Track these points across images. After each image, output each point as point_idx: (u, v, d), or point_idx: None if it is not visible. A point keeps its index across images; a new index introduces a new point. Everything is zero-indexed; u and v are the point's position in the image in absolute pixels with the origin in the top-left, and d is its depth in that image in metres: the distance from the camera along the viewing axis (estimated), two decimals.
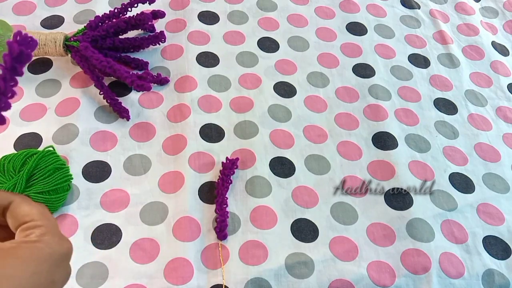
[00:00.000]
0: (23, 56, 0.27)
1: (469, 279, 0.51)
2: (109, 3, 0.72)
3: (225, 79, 0.65)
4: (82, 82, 0.61)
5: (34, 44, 0.27)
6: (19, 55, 0.27)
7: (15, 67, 0.27)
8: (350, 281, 0.49)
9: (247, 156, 0.57)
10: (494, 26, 0.81)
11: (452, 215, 0.56)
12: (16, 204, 0.31)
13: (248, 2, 0.75)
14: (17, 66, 0.27)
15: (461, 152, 0.62)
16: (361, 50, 0.72)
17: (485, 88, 0.70)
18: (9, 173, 0.49)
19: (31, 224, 0.29)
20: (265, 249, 0.51)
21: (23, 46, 0.27)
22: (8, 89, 0.29)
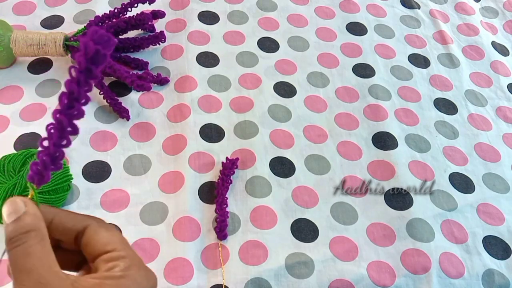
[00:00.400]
0: (99, 56, 0.24)
1: (469, 279, 0.51)
2: (109, 3, 0.72)
3: (225, 79, 0.65)
4: None
5: (112, 43, 0.24)
6: (95, 55, 0.24)
7: (90, 69, 0.24)
8: (350, 281, 0.49)
9: (247, 156, 0.57)
10: (494, 26, 0.81)
11: (452, 215, 0.56)
12: (93, 229, 0.28)
13: (248, 2, 0.75)
14: (92, 68, 0.24)
15: (461, 152, 0.62)
16: (361, 50, 0.72)
17: (485, 88, 0.70)
18: (9, 173, 0.49)
19: (114, 255, 0.27)
20: (265, 249, 0.51)
21: (100, 46, 0.23)
22: (82, 95, 0.26)
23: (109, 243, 0.27)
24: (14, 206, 0.26)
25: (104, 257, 0.27)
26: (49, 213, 0.28)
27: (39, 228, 0.26)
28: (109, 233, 0.28)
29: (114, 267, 0.26)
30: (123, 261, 0.26)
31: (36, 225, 0.26)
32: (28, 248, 0.25)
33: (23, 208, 0.26)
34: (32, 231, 0.26)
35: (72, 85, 0.25)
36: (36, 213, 0.27)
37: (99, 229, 0.28)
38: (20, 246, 0.25)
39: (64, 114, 0.26)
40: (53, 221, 0.28)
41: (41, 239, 0.26)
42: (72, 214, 0.29)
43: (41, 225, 0.26)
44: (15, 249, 0.25)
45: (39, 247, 0.25)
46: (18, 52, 0.59)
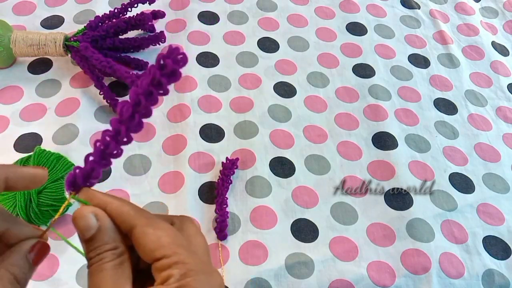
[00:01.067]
0: (174, 75, 0.23)
1: (469, 279, 0.51)
2: (109, 3, 0.72)
3: (225, 79, 0.65)
4: (82, 82, 0.61)
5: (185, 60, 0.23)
6: (171, 72, 0.23)
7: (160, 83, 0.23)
8: (350, 281, 0.49)
9: (247, 156, 0.57)
10: (494, 26, 0.81)
11: (452, 215, 0.56)
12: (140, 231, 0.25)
13: (248, 2, 0.75)
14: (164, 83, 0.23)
15: (461, 152, 0.62)
16: (361, 50, 0.72)
17: (485, 88, 0.70)
18: None
19: (166, 263, 0.24)
20: (265, 249, 0.51)
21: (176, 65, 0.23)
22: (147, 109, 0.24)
23: (158, 248, 0.24)
24: (84, 221, 0.25)
25: (156, 266, 0.24)
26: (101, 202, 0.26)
27: (116, 245, 0.25)
28: (157, 235, 0.25)
29: (169, 277, 0.23)
30: (177, 268, 0.23)
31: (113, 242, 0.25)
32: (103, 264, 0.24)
33: (95, 223, 0.25)
34: (110, 250, 0.25)
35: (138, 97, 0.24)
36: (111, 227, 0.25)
37: (147, 231, 0.25)
38: (95, 264, 0.25)
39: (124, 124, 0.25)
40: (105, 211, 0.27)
41: (118, 256, 0.25)
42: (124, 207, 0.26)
43: (117, 239, 0.25)
44: (92, 267, 0.25)
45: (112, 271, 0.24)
46: (18, 52, 0.59)
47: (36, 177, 0.27)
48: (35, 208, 0.47)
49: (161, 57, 0.23)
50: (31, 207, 0.47)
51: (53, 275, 0.47)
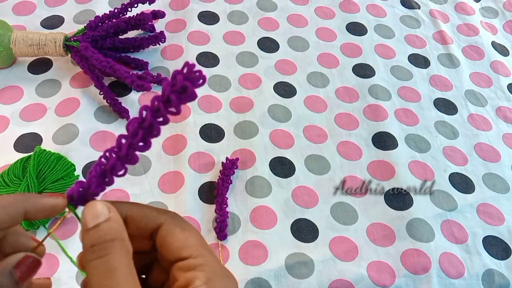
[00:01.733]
0: (186, 93, 0.22)
1: (469, 279, 0.51)
2: (109, 3, 0.72)
3: (225, 79, 0.65)
4: (82, 82, 0.61)
5: (202, 80, 0.22)
6: (182, 89, 0.22)
7: (170, 100, 0.22)
8: (350, 281, 0.49)
9: (247, 156, 0.57)
10: (494, 26, 0.81)
11: (452, 215, 0.56)
12: (167, 229, 0.25)
13: (248, 2, 0.75)
14: (174, 100, 0.22)
15: (461, 152, 0.62)
16: (361, 50, 0.72)
17: (485, 88, 0.70)
18: (14, 182, 0.49)
19: (191, 264, 0.23)
20: (265, 249, 0.51)
21: (189, 82, 0.22)
22: (155, 127, 0.23)
23: (185, 247, 0.24)
24: (96, 210, 0.24)
25: (180, 265, 0.24)
26: (121, 209, 0.25)
27: (125, 238, 0.23)
28: (185, 234, 0.24)
29: (194, 279, 0.23)
30: (203, 271, 0.23)
31: (121, 234, 0.23)
32: (113, 261, 0.22)
33: (107, 214, 0.23)
34: (118, 240, 0.23)
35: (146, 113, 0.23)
36: (121, 222, 0.24)
37: (174, 229, 0.25)
38: (103, 258, 0.22)
39: (128, 143, 0.23)
40: (126, 221, 0.25)
41: (127, 252, 0.23)
42: (146, 209, 0.26)
43: (126, 236, 0.23)
44: (98, 260, 0.22)
45: (125, 262, 0.22)
46: (18, 52, 0.59)
47: (56, 207, 0.25)
48: None
49: (175, 73, 0.22)
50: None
51: (53, 275, 0.47)
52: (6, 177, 0.49)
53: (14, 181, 0.48)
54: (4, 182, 0.49)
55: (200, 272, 0.23)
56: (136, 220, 0.25)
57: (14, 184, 0.48)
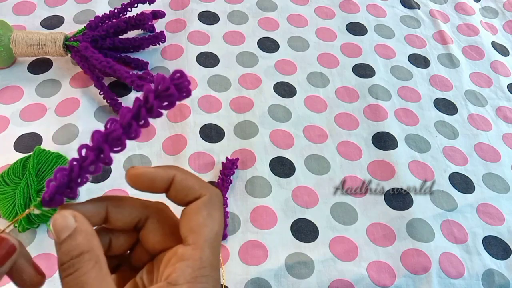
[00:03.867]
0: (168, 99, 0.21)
1: (469, 279, 0.51)
2: (109, 3, 0.72)
3: (225, 79, 0.65)
4: (82, 82, 0.61)
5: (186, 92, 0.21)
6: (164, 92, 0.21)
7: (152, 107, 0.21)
8: (350, 281, 0.49)
9: (247, 156, 0.57)
10: (494, 26, 0.81)
11: (452, 215, 0.56)
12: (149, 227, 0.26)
13: (248, 2, 0.75)
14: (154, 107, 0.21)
15: (461, 152, 0.62)
16: (361, 50, 0.72)
17: (485, 88, 0.70)
18: (14, 181, 0.49)
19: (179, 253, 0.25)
20: (265, 249, 0.51)
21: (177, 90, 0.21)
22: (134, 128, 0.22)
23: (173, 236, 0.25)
24: (61, 221, 0.23)
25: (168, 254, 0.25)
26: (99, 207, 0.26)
27: (92, 248, 0.23)
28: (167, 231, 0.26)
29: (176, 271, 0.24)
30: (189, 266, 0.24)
31: (88, 245, 0.23)
32: (82, 276, 0.22)
33: (73, 224, 0.23)
34: (85, 253, 0.23)
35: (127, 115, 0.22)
36: (88, 229, 0.24)
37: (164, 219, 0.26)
38: (73, 275, 0.22)
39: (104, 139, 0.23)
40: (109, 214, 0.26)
41: (96, 262, 0.23)
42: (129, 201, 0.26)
43: (94, 244, 0.24)
44: (68, 278, 0.22)
45: (94, 273, 0.22)
46: (18, 52, 0.59)
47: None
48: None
49: (159, 78, 0.21)
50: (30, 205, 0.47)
51: (53, 275, 0.47)
52: (6, 177, 0.49)
53: (14, 180, 0.48)
54: (4, 181, 0.49)
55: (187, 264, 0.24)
56: (119, 211, 0.26)
57: (14, 183, 0.48)
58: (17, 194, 0.47)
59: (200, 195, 0.25)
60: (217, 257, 0.25)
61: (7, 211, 0.47)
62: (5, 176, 0.49)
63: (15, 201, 0.47)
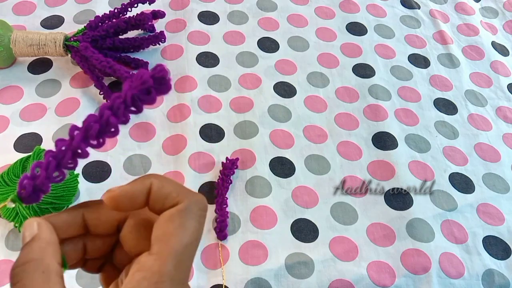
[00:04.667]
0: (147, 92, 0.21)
1: (469, 279, 0.51)
2: (109, 3, 0.72)
3: (225, 79, 0.65)
4: (82, 82, 0.61)
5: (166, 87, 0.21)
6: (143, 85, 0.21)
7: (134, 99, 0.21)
8: (350, 281, 0.49)
9: (247, 156, 0.57)
10: (494, 26, 0.81)
11: (452, 215, 0.56)
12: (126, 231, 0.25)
13: (248, 2, 0.75)
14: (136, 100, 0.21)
15: (461, 152, 0.62)
16: (361, 50, 0.72)
17: (485, 88, 0.70)
18: (14, 181, 0.49)
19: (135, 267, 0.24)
20: (265, 249, 0.51)
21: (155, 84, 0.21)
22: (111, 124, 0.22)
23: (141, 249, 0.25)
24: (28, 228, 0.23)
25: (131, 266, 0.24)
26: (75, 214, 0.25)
27: (43, 256, 0.22)
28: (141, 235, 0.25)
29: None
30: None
31: (40, 253, 0.22)
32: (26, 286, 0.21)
33: (35, 231, 0.23)
34: (32, 261, 0.22)
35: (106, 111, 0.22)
36: (46, 237, 0.23)
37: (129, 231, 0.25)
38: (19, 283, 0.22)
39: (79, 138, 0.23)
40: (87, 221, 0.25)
41: (43, 272, 0.22)
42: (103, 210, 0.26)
43: (47, 252, 0.23)
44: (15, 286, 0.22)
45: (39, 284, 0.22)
46: (18, 52, 0.59)
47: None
48: (34, 206, 0.47)
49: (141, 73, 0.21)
50: (31, 206, 0.47)
51: None
52: (6, 177, 0.49)
53: (13, 180, 0.48)
54: (4, 181, 0.49)
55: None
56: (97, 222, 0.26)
57: (14, 183, 0.48)
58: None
59: (177, 203, 0.24)
60: (184, 271, 0.23)
61: (7, 211, 0.47)
62: (5, 176, 0.49)
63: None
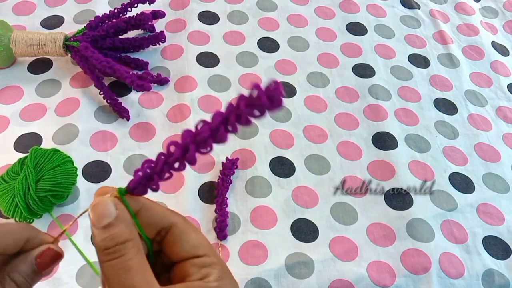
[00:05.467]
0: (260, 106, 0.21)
1: (469, 279, 0.51)
2: (109, 3, 0.72)
3: (225, 79, 0.65)
4: (82, 82, 0.61)
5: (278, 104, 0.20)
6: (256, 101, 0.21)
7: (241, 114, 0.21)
8: (350, 281, 0.49)
9: (247, 156, 0.57)
10: (494, 26, 0.81)
11: (452, 215, 0.56)
12: (182, 228, 0.26)
13: (248, 2, 0.75)
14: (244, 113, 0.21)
15: (461, 152, 0.62)
16: (361, 50, 0.72)
17: (485, 88, 0.70)
18: (13, 178, 0.49)
19: (207, 261, 0.25)
20: (265, 249, 0.51)
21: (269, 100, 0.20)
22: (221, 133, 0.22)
23: (200, 247, 0.26)
24: (103, 208, 0.24)
25: (195, 261, 0.25)
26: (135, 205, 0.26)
27: (136, 237, 0.24)
28: (198, 235, 0.26)
29: (209, 275, 0.25)
30: (216, 268, 0.25)
31: (132, 234, 0.24)
32: (128, 261, 0.23)
33: (114, 212, 0.24)
34: (129, 241, 0.24)
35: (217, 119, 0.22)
36: (129, 219, 0.25)
37: (188, 229, 0.26)
38: (119, 259, 0.24)
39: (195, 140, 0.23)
40: (140, 213, 0.26)
41: (138, 251, 0.24)
42: (158, 207, 0.27)
43: (135, 233, 0.25)
44: (113, 261, 0.24)
45: (138, 261, 0.24)
46: (18, 52, 0.59)
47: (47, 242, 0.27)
48: (33, 195, 0.47)
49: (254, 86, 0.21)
50: (30, 194, 0.47)
51: (53, 275, 0.47)
52: (5, 177, 0.49)
53: (13, 177, 0.48)
54: (3, 181, 0.49)
55: (214, 269, 0.25)
56: (150, 215, 0.26)
57: (13, 180, 0.48)
58: (15, 185, 0.47)
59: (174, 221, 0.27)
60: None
61: (7, 205, 0.47)
62: (4, 176, 0.49)
63: (14, 194, 0.47)
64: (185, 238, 0.26)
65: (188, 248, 0.26)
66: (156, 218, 0.26)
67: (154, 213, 0.26)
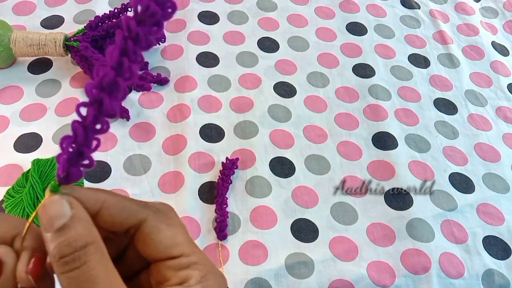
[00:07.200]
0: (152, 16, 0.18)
1: (469, 279, 0.51)
2: (109, 3, 0.72)
3: (225, 79, 0.65)
4: (82, 82, 0.61)
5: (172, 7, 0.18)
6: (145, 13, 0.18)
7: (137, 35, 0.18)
8: (350, 281, 0.49)
9: (247, 156, 0.57)
10: (494, 26, 0.81)
11: (452, 215, 0.56)
12: (152, 226, 0.22)
13: (248, 2, 0.75)
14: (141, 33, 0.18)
15: (461, 152, 0.62)
16: (361, 50, 0.72)
17: (485, 88, 0.70)
18: (20, 192, 0.49)
19: (184, 262, 0.22)
20: (265, 249, 0.51)
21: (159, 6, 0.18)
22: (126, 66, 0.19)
23: (175, 246, 0.22)
24: (55, 207, 0.20)
25: (171, 264, 0.22)
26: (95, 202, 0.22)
27: (95, 239, 0.20)
28: (172, 231, 0.22)
29: (189, 278, 0.21)
30: (197, 269, 0.22)
31: (92, 236, 0.20)
32: (91, 271, 0.19)
33: (69, 211, 0.20)
34: (90, 244, 0.20)
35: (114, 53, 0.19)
36: (87, 218, 0.21)
37: (160, 226, 0.22)
38: (80, 269, 0.19)
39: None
40: (100, 213, 0.22)
41: (102, 255, 0.20)
42: (123, 203, 0.22)
43: (96, 234, 0.20)
44: (73, 272, 0.19)
45: (103, 268, 0.20)
46: (18, 52, 0.59)
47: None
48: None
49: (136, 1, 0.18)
50: (39, 203, 0.47)
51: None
52: (12, 192, 0.49)
53: (19, 190, 0.49)
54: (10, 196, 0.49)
55: (194, 270, 0.22)
56: (113, 214, 0.22)
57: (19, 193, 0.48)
58: (23, 197, 0.47)
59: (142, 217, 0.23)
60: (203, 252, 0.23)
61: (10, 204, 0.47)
62: (11, 192, 0.49)
63: (23, 205, 0.47)
64: (156, 238, 0.22)
65: (161, 249, 0.22)
66: (121, 217, 0.22)
67: (118, 211, 0.22)
